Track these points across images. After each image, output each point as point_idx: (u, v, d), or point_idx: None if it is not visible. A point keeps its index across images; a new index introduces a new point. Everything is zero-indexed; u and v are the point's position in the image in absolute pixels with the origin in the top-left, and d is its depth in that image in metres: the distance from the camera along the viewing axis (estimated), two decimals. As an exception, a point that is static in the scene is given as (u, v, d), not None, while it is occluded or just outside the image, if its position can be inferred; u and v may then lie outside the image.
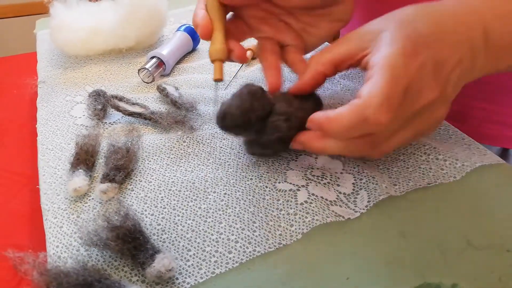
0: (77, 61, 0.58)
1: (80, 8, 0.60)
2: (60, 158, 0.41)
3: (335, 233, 0.34)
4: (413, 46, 0.33)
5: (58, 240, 0.33)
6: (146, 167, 0.40)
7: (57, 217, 0.35)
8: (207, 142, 0.43)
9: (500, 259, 0.31)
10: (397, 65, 0.32)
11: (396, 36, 0.34)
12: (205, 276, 0.31)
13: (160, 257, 0.30)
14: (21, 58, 0.72)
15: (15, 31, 1.47)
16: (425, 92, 0.33)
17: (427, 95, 0.33)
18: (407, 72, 0.32)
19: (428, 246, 0.32)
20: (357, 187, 0.37)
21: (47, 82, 0.54)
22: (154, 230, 0.34)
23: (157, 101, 0.50)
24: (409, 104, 0.33)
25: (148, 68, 0.52)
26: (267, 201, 0.36)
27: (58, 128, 0.46)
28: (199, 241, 0.33)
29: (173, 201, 0.36)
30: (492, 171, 0.38)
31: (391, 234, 0.33)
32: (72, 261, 0.31)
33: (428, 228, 0.34)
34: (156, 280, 0.30)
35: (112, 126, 0.46)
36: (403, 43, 0.33)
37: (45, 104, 0.50)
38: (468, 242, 0.32)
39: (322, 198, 0.36)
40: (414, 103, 0.33)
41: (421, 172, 0.38)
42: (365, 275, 0.30)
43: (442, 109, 0.35)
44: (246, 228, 0.34)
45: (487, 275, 0.30)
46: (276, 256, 0.32)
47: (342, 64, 0.37)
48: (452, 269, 0.31)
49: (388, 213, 0.35)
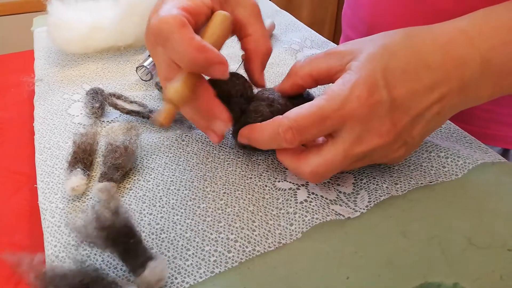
0: (75, 58, 0.58)
1: (77, 6, 0.59)
2: (57, 157, 0.41)
3: (336, 232, 0.33)
4: (371, 83, 0.32)
5: (56, 239, 0.33)
6: (144, 166, 0.40)
7: (55, 216, 0.35)
8: (206, 140, 0.43)
9: (502, 258, 0.31)
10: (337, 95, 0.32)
11: (363, 67, 0.33)
12: (204, 275, 0.30)
13: (151, 265, 0.29)
14: (18, 56, 0.71)
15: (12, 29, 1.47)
16: (375, 135, 0.32)
17: (377, 138, 0.32)
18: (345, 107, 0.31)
19: (429, 245, 0.32)
20: (358, 187, 0.37)
21: (44, 80, 0.54)
22: (153, 230, 0.34)
23: (156, 99, 0.49)
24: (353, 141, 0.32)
25: (147, 65, 0.52)
26: (266, 200, 0.36)
27: (55, 127, 0.45)
28: (198, 240, 0.33)
29: (172, 200, 0.36)
30: (494, 169, 0.38)
31: (392, 233, 0.33)
32: (70, 261, 0.31)
33: (429, 227, 0.33)
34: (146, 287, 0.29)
35: (110, 124, 0.45)
36: (363, 76, 0.32)
37: (42, 102, 0.49)
38: (469, 241, 0.32)
39: (322, 197, 0.36)
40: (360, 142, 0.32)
41: (423, 170, 0.38)
42: (366, 275, 0.30)
43: (401, 151, 0.34)
44: (245, 227, 0.34)
45: (488, 274, 0.30)
46: (276, 255, 0.32)
47: (321, 79, 0.36)
48: (453, 268, 0.30)
49: (389, 212, 0.35)
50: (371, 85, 0.32)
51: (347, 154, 0.32)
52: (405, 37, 0.34)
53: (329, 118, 0.32)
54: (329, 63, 0.35)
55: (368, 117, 0.32)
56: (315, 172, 0.33)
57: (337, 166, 0.33)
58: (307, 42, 0.62)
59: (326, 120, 0.32)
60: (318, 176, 0.34)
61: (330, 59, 0.36)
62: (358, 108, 0.31)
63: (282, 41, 0.63)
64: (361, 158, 0.34)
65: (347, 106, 0.31)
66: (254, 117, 0.37)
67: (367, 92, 0.31)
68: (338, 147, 0.32)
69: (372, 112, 0.32)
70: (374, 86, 0.32)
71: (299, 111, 0.33)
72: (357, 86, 0.32)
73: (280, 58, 0.58)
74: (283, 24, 0.68)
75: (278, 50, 0.60)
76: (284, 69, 0.55)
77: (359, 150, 0.32)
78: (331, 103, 0.32)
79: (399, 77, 0.32)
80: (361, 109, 0.31)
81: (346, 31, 0.69)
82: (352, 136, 0.32)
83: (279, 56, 0.58)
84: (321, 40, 0.63)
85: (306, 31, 0.66)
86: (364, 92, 0.31)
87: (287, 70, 0.55)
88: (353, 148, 0.32)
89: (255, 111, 0.37)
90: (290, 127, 0.32)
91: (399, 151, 0.34)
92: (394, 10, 0.54)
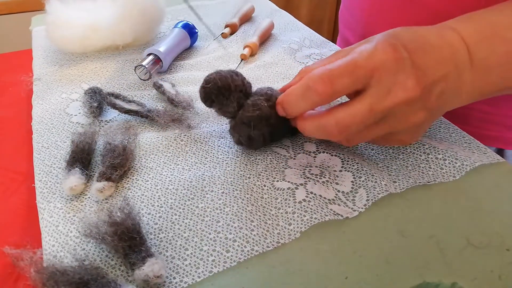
0: (73, 58, 0.58)
1: (76, 5, 0.59)
2: (55, 157, 0.41)
3: (334, 232, 0.33)
4: (392, 44, 0.33)
5: (54, 239, 0.33)
6: (143, 165, 0.40)
7: (53, 216, 0.35)
8: (205, 140, 0.43)
9: (500, 258, 0.31)
10: (365, 50, 0.33)
11: (380, 37, 0.34)
12: (202, 275, 0.30)
13: (151, 261, 0.30)
14: (16, 55, 0.71)
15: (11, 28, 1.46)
16: (401, 88, 0.33)
17: (403, 92, 0.33)
18: (374, 58, 0.32)
19: (428, 245, 0.32)
20: (356, 185, 0.37)
21: (42, 79, 0.54)
22: (151, 229, 0.34)
23: (154, 99, 0.49)
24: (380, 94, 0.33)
25: (145, 65, 0.52)
26: (265, 199, 0.36)
27: (53, 126, 0.45)
28: (197, 240, 0.33)
29: (170, 200, 0.36)
30: (492, 169, 0.38)
31: (390, 233, 0.33)
32: (69, 260, 0.31)
33: (427, 227, 0.33)
34: (142, 284, 0.29)
35: (108, 124, 0.45)
36: (383, 40, 0.34)
37: (41, 102, 0.49)
38: (467, 241, 0.32)
39: (320, 197, 0.36)
40: (386, 96, 0.33)
41: (421, 171, 0.38)
42: (364, 274, 0.30)
43: (420, 114, 0.35)
44: (244, 227, 0.34)
45: (486, 274, 0.30)
46: (274, 255, 0.32)
47: None
48: (452, 268, 0.30)
49: (387, 212, 0.35)
50: (393, 45, 0.33)
51: (372, 108, 0.33)
52: (401, 28, 0.36)
53: (359, 68, 0.32)
54: (337, 58, 0.36)
55: (395, 69, 0.32)
56: (340, 123, 0.33)
57: (363, 118, 0.33)
58: (306, 41, 0.62)
59: (356, 69, 0.32)
60: (344, 128, 0.34)
61: (338, 55, 0.37)
62: (386, 60, 0.32)
63: (281, 40, 0.63)
64: (384, 118, 0.34)
65: (375, 58, 0.32)
66: (252, 110, 0.38)
67: (391, 48, 0.33)
68: (365, 100, 0.33)
69: (399, 65, 0.32)
70: (395, 45, 0.33)
71: (329, 65, 0.33)
72: (380, 44, 0.33)
73: (279, 58, 0.58)
74: (282, 23, 0.68)
75: (277, 50, 0.60)
76: (283, 69, 0.55)
77: (385, 104, 0.33)
78: (360, 55, 0.33)
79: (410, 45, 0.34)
80: (389, 61, 0.32)
81: (343, 31, 0.70)
82: (380, 89, 0.32)
83: (278, 55, 0.58)
84: (320, 40, 0.63)
85: (305, 31, 0.66)
86: (388, 48, 0.33)
87: (285, 70, 0.55)
88: (380, 101, 0.33)
89: (252, 104, 0.38)
90: (321, 77, 0.32)
91: (419, 115, 0.34)
92: (388, 11, 0.55)
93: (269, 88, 0.40)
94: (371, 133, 0.36)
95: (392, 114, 0.34)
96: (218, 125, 0.45)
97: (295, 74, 0.53)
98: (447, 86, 0.35)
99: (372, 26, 0.58)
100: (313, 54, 0.59)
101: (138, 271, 0.29)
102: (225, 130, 0.44)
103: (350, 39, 0.66)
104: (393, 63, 0.32)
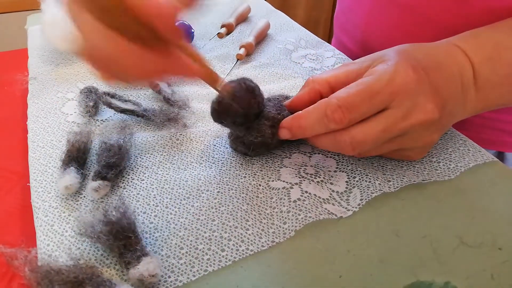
0: (69, 57, 0.58)
1: (72, 4, 0.59)
2: (51, 156, 0.41)
3: (328, 231, 0.33)
4: (412, 65, 0.33)
5: (49, 238, 0.33)
6: (138, 164, 0.40)
7: (48, 215, 0.35)
8: (201, 139, 0.43)
9: (492, 257, 0.31)
10: (384, 73, 0.33)
11: (396, 57, 0.34)
12: (197, 274, 0.30)
13: (146, 260, 0.30)
14: (11, 54, 0.71)
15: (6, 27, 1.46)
16: (421, 111, 0.33)
17: (422, 115, 0.33)
18: (394, 82, 0.32)
19: (421, 244, 0.32)
20: (350, 185, 0.37)
21: (38, 78, 0.53)
22: (147, 228, 0.34)
23: (150, 98, 0.49)
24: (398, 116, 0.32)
25: (141, 64, 0.52)
26: (260, 199, 0.36)
27: (49, 125, 0.45)
28: (192, 239, 0.33)
29: (165, 199, 0.36)
30: (486, 169, 0.39)
31: (384, 232, 0.33)
32: (64, 259, 0.31)
33: (420, 227, 0.34)
34: (137, 283, 0.29)
35: (104, 123, 0.45)
36: (402, 61, 0.33)
37: (36, 101, 0.49)
38: (460, 240, 0.33)
39: (315, 196, 0.36)
40: (405, 118, 0.33)
41: (415, 171, 0.38)
42: (358, 274, 0.30)
43: (435, 135, 0.35)
44: (239, 226, 0.34)
45: (479, 273, 0.30)
46: (269, 254, 0.32)
47: (339, 86, 0.36)
48: (445, 267, 0.31)
49: (381, 211, 0.35)
50: (413, 66, 0.33)
51: (389, 129, 0.33)
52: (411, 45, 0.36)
53: (378, 93, 0.32)
54: (347, 69, 0.36)
55: (416, 92, 0.32)
56: (355, 141, 0.33)
57: (378, 138, 0.33)
58: (302, 42, 0.63)
59: (375, 96, 0.32)
60: (358, 145, 0.33)
61: (348, 66, 0.37)
62: (407, 83, 0.32)
63: (277, 40, 0.63)
64: (399, 136, 0.34)
65: (396, 81, 0.32)
66: (255, 136, 0.37)
67: (411, 69, 0.33)
68: (383, 120, 0.33)
69: (419, 88, 0.32)
70: (415, 67, 0.33)
71: (347, 89, 0.33)
72: (400, 65, 0.33)
73: (275, 58, 0.58)
74: (277, 24, 0.68)
75: (273, 50, 0.60)
76: (279, 69, 0.55)
77: (402, 126, 0.33)
78: (380, 79, 0.32)
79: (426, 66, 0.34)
80: (410, 84, 0.32)
81: (338, 34, 0.70)
82: (399, 111, 0.32)
83: (274, 56, 0.58)
84: (315, 40, 0.63)
85: (300, 31, 0.66)
86: (409, 69, 0.33)
87: (281, 70, 0.55)
88: (398, 122, 0.33)
89: (258, 130, 0.37)
90: (339, 106, 0.32)
91: (434, 136, 0.35)
92: (388, 19, 0.55)
93: (278, 103, 0.39)
94: (383, 149, 0.36)
95: (407, 134, 0.34)
96: (214, 124, 0.45)
97: (290, 74, 0.54)
98: (455, 104, 0.35)
99: (371, 33, 0.59)
100: (308, 55, 0.59)
101: (133, 270, 0.29)
102: (220, 130, 0.44)
103: (347, 44, 0.66)
104: (414, 86, 0.32)
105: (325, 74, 0.38)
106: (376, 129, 0.33)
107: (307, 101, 0.38)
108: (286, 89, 0.51)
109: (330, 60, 0.57)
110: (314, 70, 0.55)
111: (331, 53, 0.59)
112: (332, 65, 0.56)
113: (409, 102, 0.32)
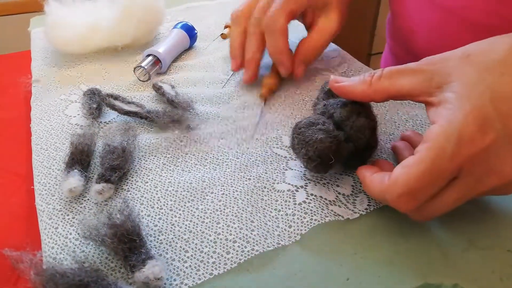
0: (72, 59, 0.58)
1: (75, 6, 0.59)
2: (54, 158, 0.41)
3: (335, 234, 0.33)
4: (481, 121, 0.28)
5: (53, 241, 0.33)
6: (142, 167, 0.40)
7: (52, 218, 0.35)
8: (205, 141, 0.42)
9: (502, 259, 0.31)
10: (446, 141, 0.28)
11: (465, 98, 0.29)
12: (203, 277, 0.30)
13: (151, 263, 0.29)
14: (15, 56, 0.71)
15: (9, 29, 1.46)
16: (496, 176, 0.28)
17: (498, 180, 0.29)
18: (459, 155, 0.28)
19: (429, 246, 0.32)
20: (356, 189, 0.37)
21: (41, 80, 0.53)
22: (151, 231, 0.33)
23: (153, 100, 0.49)
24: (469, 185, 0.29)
25: (144, 66, 0.52)
26: (265, 201, 0.36)
27: (52, 128, 0.45)
28: (197, 242, 0.33)
29: (170, 202, 0.36)
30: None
31: (391, 233, 0.33)
32: (68, 262, 0.31)
33: (428, 228, 0.33)
34: (142, 286, 0.29)
35: (107, 125, 0.45)
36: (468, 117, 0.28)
37: (39, 103, 0.49)
38: (469, 242, 0.32)
39: (321, 198, 0.36)
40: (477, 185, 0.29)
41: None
42: (365, 276, 0.30)
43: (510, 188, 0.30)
44: (244, 227, 0.33)
45: (488, 276, 0.30)
46: (275, 257, 0.32)
47: (399, 97, 0.34)
48: (453, 269, 0.30)
49: (388, 213, 0.35)
50: (482, 122, 0.28)
51: (463, 196, 0.29)
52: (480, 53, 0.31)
53: (443, 172, 0.28)
54: (412, 83, 0.32)
55: (486, 159, 0.28)
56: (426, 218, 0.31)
57: (451, 207, 0.30)
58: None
59: (440, 175, 0.28)
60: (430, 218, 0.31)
61: (414, 78, 0.32)
62: (474, 155, 0.28)
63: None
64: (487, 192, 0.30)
65: (460, 154, 0.28)
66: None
67: (479, 133, 0.27)
68: (455, 192, 0.29)
69: (490, 153, 0.28)
70: (486, 121, 0.28)
71: (408, 173, 0.29)
72: (466, 127, 0.28)
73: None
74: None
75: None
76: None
77: (478, 191, 0.29)
78: (442, 154, 0.28)
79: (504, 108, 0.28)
80: (478, 154, 0.28)
81: (387, 39, 0.68)
82: (473, 178, 0.29)
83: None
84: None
85: (304, 32, 0.65)
86: (477, 133, 0.27)
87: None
88: (472, 189, 0.29)
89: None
90: (401, 195, 0.29)
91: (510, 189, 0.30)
92: (428, 21, 0.53)
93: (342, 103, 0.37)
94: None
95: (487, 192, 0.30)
96: (218, 126, 0.45)
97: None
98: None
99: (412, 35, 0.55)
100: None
101: (138, 273, 0.29)
102: (224, 131, 0.43)
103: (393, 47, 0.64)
104: (483, 154, 0.28)
105: (387, 80, 0.33)
106: (447, 202, 0.30)
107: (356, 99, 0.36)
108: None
109: (335, 60, 0.57)
110: (320, 71, 0.55)
111: (336, 53, 0.58)
112: (338, 65, 0.56)
113: (481, 170, 0.28)
